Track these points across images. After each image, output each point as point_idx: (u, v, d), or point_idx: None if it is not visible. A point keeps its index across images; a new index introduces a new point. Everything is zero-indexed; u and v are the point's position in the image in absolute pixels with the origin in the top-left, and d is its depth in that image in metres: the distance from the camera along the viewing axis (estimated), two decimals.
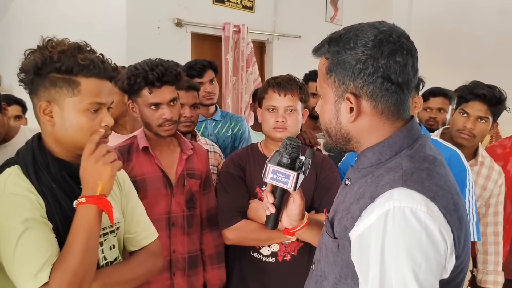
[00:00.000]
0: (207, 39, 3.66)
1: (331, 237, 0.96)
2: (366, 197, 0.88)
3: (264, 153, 1.83)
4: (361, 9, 5.13)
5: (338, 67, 0.93)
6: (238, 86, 3.78)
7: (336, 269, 0.95)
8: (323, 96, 0.99)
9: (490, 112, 1.99)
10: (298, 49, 4.29)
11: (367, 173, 0.94)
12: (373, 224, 0.83)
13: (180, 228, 1.71)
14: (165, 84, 1.65)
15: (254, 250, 1.78)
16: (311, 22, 4.53)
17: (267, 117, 1.76)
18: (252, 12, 3.94)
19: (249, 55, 3.83)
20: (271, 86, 1.75)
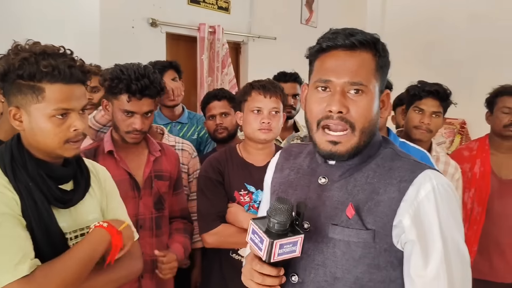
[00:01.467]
0: (182, 39, 3.64)
1: (361, 229, 0.97)
2: (394, 183, 0.97)
3: (242, 156, 1.84)
4: (335, 12, 5.19)
5: (385, 66, 1.03)
6: (214, 86, 3.77)
7: (364, 263, 0.98)
8: (368, 92, 1.00)
9: (441, 107, 2.12)
10: (273, 50, 4.31)
11: (352, 167, 1.03)
12: (423, 199, 0.95)
13: (148, 230, 1.71)
14: (146, 97, 1.65)
15: (233, 252, 1.80)
16: (286, 24, 4.55)
17: (251, 118, 1.77)
18: (228, 13, 3.94)
19: (225, 56, 3.82)
20: (256, 88, 1.77)
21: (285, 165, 1.18)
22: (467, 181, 2.28)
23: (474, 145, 2.41)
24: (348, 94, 0.99)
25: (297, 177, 1.12)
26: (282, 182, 1.16)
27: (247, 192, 1.79)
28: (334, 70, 0.99)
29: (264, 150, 1.82)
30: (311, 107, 1.03)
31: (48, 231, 1.13)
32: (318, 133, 1.01)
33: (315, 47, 1.04)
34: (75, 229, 1.22)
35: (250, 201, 1.78)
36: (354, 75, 0.98)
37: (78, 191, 1.23)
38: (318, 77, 1.02)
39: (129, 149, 1.74)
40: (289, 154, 1.20)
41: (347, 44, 0.99)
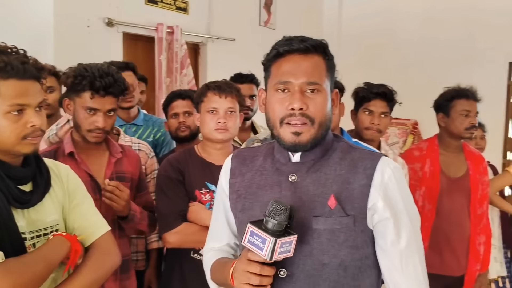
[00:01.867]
0: (140, 39, 3.59)
1: (343, 216, 1.09)
2: (360, 172, 1.12)
3: (202, 156, 1.86)
4: (293, 14, 5.26)
5: (333, 68, 1.17)
6: (172, 87, 3.74)
7: (346, 246, 1.10)
8: (322, 90, 1.12)
9: (388, 107, 2.23)
10: (232, 51, 4.33)
11: (316, 163, 1.14)
12: (387, 181, 1.12)
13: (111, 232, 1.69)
14: (109, 95, 1.64)
15: (194, 252, 1.80)
16: (245, 26, 4.58)
17: (207, 119, 1.79)
18: (186, 13, 3.93)
19: (183, 57, 3.81)
20: (211, 89, 1.80)
21: (244, 169, 1.24)
22: (418, 179, 2.38)
23: (424, 145, 2.52)
24: (305, 93, 1.11)
25: (263, 178, 1.19)
26: (247, 185, 1.21)
27: (208, 190, 1.81)
28: (291, 72, 1.11)
29: (223, 150, 1.84)
30: (273, 107, 1.13)
31: (7, 230, 1.12)
32: (282, 128, 1.11)
33: (272, 52, 1.15)
34: (32, 230, 1.21)
35: (211, 200, 1.80)
36: (310, 76, 1.10)
37: (37, 192, 1.21)
38: (277, 79, 1.13)
39: (90, 150, 1.72)
40: (243, 159, 1.26)
41: (302, 48, 1.11)
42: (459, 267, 2.39)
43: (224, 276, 1.15)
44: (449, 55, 5.25)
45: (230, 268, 1.11)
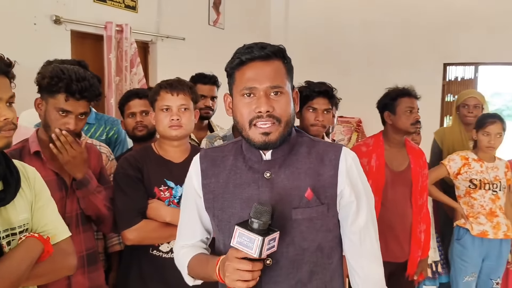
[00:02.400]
0: (88, 37, 3.53)
1: (319, 205, 1.23)
2: (327, 164, 1.24)
3: (159, 153, 1.89)
4: (241, 15, 5.35)
5: (291, 74, 1.26)
6: (122, 86, 3.71)
7: (322, 230, 1.24)
8: (285, 92, 1.22)
9: (330, 104, 2.39)
10: (182, 50, 4.34)
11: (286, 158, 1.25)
12: (349, 169, 1.25)
13: (75, 227, 1.71)
14: (84, 99, 1.66)
15: (154, 248, 1.83)
16: (194, 25, 4.61)
17: (161, 116, 1.83)
18: (135, 12, 3.90)
19: (133, 55, 3.78)
20: (163, 88, 1.84)
21: (216, 169, 1.31)
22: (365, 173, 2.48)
23: (370, 141, 2.68)
24: (270, 96, 1.20)
25: (238, 177, 1.27)
26: (223, 185, 1.28)
27: (167, 187, 1.84)
28: (255, 79, 1.19)
29: (180, 147, 1.89)
30: (241, 111, 1.21)
31: None
32: (252, 130, 1.20)
33: (235, 60, 1.22)
34: (6, 228, 1.22)
35: (170, 197, 1.84)
36: (273, 80, 1.19)
37: (9, 190, 1.22)
38: (242, 85, 1.21)
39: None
40: (213, 159, 1.33)
41: (263, 55, 1.20)
42: (403, 254, 2.55)
43: (208, 272, 1.24)
44: (388, 57, 5.54)
45: (215, 265, 1.20)
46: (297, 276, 1.23)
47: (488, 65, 5.47)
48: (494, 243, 2.88)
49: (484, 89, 22.29)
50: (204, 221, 1.37)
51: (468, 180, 2.87)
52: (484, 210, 2.86)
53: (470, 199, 2.89)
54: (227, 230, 1.25)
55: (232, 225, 1.18)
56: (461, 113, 3.32)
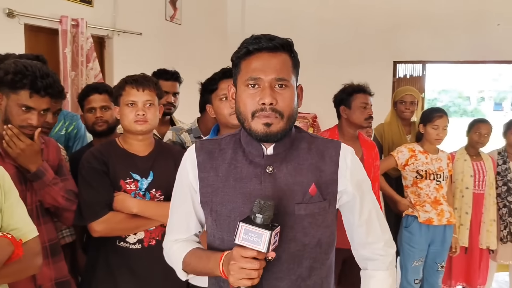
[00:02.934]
0: (43, 31, 3.45)
1: (321, 201, 1.23)
2: (328, 160, 1.25)
3: (123, 147, 1.92)
4: (199, 10, 5.36)
5: (297, 68, 1.26)
6: (78, 81, 3.65)
7: (322, 226, 1.25)
8: (290, 86, 1.21)
9: None
10: (139, 46, 4.31)
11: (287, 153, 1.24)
12: (350, 164, 1.27)
13: (36, 219, 1.71)
14: (48, 95, 1.67)
15: (120, 240, 1.86)
16: (151, 20, 4.58)
17: (126, 112, 1.86)
18: (91, 6, 3.84)
19: (89, 50, 3.72)
20: (129, 83, 1.87)
21: (214, 162, 1.28)
22: None
23: (326, 134, 2.80)
24: (274, 88, 1.18)
25: (238, 171, 1.24)
26: (223, 179, 1.25)
27: (133, 180, 1.88)
28: (261, 69, 1.18)
29: (145, 141, 1.93)
30: (245, 101, 1.20)
31: None
32: (254, 121, 1.19)
33: (242, 50, 1.21)
34: None
35: (136, 189, 1.88)
36: (278, 72, 1.18)
37: None
38: (248, 76, 1.19)
39: None
40: (210, 152, 1.29)
41: (270, 47, 1.19)
42: None
43: (210, 268, 1.21)
44: (342, 55, 5.72)
45: (218, 261, 1.17)
46: (298, 271, 1.22)
47: (435, 63, 5.79)
48: (439, 229, 3.08)
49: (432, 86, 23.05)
50: (199, 215, 1.34)
51: (415, 171, 3.06)
52: (429, 199, 3.06)
53: (417, 189, 3.08)
54: (226, 225, 1.23)
55: (232, 220, 1.18)
56: (399, 109, 3.54)
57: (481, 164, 3.38)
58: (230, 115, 1.99)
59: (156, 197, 1.92)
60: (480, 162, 3.39)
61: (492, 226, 3.40)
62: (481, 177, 3.35)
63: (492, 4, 5.19)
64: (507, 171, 3.47)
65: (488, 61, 5.61)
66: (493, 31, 5.20)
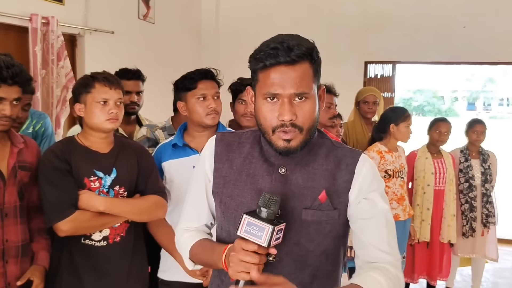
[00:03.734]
0: (12, 29, 3.44)
1: (331, 209, 1.20)
2: (343, 168, 1.21)
3: (85, 144, 1.92)
4: (172, 9, 5.38)
5: (319, 72, 1.20)
6: (49, 80, 3.65)
7: (330, 236, 1.21)
8: (310, 97, 1.16)
9: None
10: (111, 44, 4.31)
11: (303, 158, 1.22)
12: (366, 174, 1.22)
13: (13, 218, 1.76)
14: (16, 84, 1.69)
15: (85, 238, 1.88)
16: (124, 19, 4.59)
17: (97, 110, 1.85)
18: (62, 4, 3.83)
19: (60, 49, 3.72)
20: (100, 81, 1.86)
21: (231, 155, 1.28)
22: None
23: None
24: (294, 101, 1.14)
25: (252, 166, 1.24)
26: (236, 172, 1.26)
27: (97, 178, 1.89)
28: (280, 84, 1.13)
29: (107, 138, 1.94)
30: (265, 115, 1.17)
31: None
32: (274, 136, 1.17)
33: (259, 64, 1.15)
34: None
35: (100, 186, 1.89)
36: (298, 87, 1.13)
37: None
38: (266, 90, 1.15)
39: None
40: (229, 144, 1.30)
41: (289, 61, 1.11)
42: None
43: (214, 259, 1.19)
44: None
45: (222, 253, 1.16)
46: (300, 277, 1.19)
47: (404, 63, 5.94)
48: (400, 223, 3.19)
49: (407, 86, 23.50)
50: (211, 205, 1.33)
51: (384, 171, 3.16)
52: (396, 196, 3.17)
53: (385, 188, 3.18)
54: (232, 219, 1.23)
55: (238, 214, 1.15)
56: (362, 109, 3.67)
57: (441, 162, 3.52)
58: (206, 115, 2.06)
59: (119, 193, 1.93)
60: (440, 159, 3.53)
61: (453, 221, 3.55)
62: (441, 174, 3.49)
63: (457, 8, 5.36)
64: (469, 168, 3.62)
65: (454, 62, 5.80)
66: (459, 33, 5.37)
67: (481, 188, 3.64)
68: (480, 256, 3.74)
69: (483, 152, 3.71)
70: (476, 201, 3.64)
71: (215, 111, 2.08)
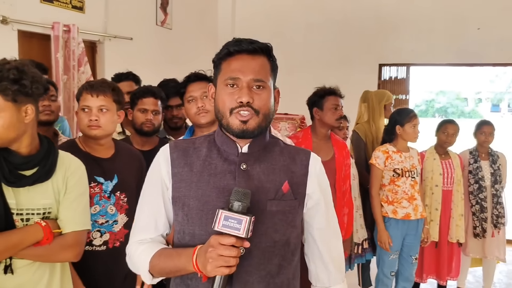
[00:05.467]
0: (36, 37, 3.63)
1: (292, 199, 1.29)
2: (298, 163, 1.32)
3: (86, 150, 1.97)
4: (189, 15, 5.53)
5: (275, 72, 1.32)
6: (70, 85, 3.83)
7: (291, 225, 1.29)
8: (267, 87, 1.26)
9: None
10: (129, 50, 4.49)
11: (260, 154, 1.30)
12: (319, 173, 1.34)
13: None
14: None
15: (86, 244, 1.87)
16: (142, 25, 4.76)
17: (82, 116, 1.93)
18: (83, 12, 4.02)
19: (81, 55, 3.90)
20: (85, 89, 1.94)
21: (189, 159, 1.31)
22: None
23: (300, 134, 2.98)
24: (252, 88, 1.24)
25: (213, 167, 1.28)
26: (198, 174, 1.28)
27: (97, 183, 1.94)
28: (240, 70, 1.23)
29: (105, 144, 2.00)
30: (223, 99, 1.25)
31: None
32: (231, 117, 1.24)
33: (223, 51, 1.27)
34: (21, 208, 1.46)
35: (100, 192, 1.94)
36: (256, 74, 1.23)
37: (29, 178, 1.45)
38: (227, 75, 1.24)
39: None
40: (185, 149, 1.33)
41: (250, 49, 1.25)
42: None
43: (182, 264, 1.20)
44: (329, 58, 5.90)
45: (191, 255, 1.17)
46: (268, 267, 1.25)
47: (418, 65, 5.95)
48: (413, 223, 3.24)
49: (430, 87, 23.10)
50: (168, 213, 1.33)
51: (392, 170, 3.22)
52: (406, 195, 3.21)
53: (394, 187, 3.24)
54: (197, 219, 1.25)
55: (204, 213, 1.21)
56: (388, 111, 3.72)
57: (449, 162, 3.56)
58: (196, 115, 2.09)
59: (120, 199, 1.97)
60: (448, 160, 3.57)
61: (461, 221, 3.57)
62: (449, 175, 3.53)
63: (472, 10, 5.37)
64: (478, 169, 3.65)
65: (469, 64, 5.78)
66: (474, 35, 5.37)
67: (491, 189, 3.66)
68: (491, 257, 3.76)
69: (492, 153, 3.73)
70: (486, 202, 3.66)
71: (204, 110, 2.10)
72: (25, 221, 1.48)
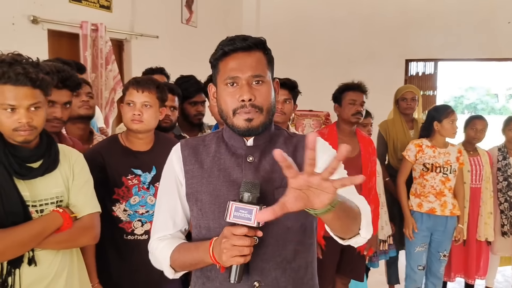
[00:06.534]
0: (65, 36, 3.72)
1: None
2: (301, 150, 1.29)
3: (126, 145, 2.03)
4: (214, 13, 5.57)
5: (272, 64, 1.32)
6: (98, 83, 3.92)
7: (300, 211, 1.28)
8: (266, 81, 1.28)
9: (290, 94, 2.62)
10: (156, 48, 4.56)
11: (266, 146, 1.31)
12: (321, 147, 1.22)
13: None
14: (66, 88, 1.88)
15: (127, 234, 1.99)
16: (168, 23, 4.82)
17: (126, 110, 1.98)
18: (110, 11, 4.10)
19: (108, 53, 3.98)
20: (131, 84, 1.99)
21: (199, 157, 1.35)
22: None
23: (325, 131, 2.96)
24: (252, 85, 1.25)
25: (222, 162, 1.32)
26: (208, 170, 1.32)
27: (134, 175, 1.99)
28: (238, 68, 1.25)
29: (145, 139, 2.04)
30: (225, 99, 1.27)
31: (7, 196, 1.44)
32: (236, 118, 1.26)
33: (219, 52, 1.28)
34: (35, 199, 1.52)
35: (139, 183, 1.99)
36: (254, 70, 1.25)
37: (39, 169, 1.52)
38: (226, 75, 1.26)
39: None
40: (195, 147, 1.37)
41: (245, 46, 1.25)
42: None
43: (201, 256, 1.23)
44: (354, 53, 5.84)
45: (208, 247, 1.20)
46: (283, 254, 1.26)
47: (446, 61, 5.84)
48: (441, 219, 3.20)
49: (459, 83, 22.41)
50: (185, 209, 1.37)
51: (422, 164, 3.19)
52: (434, 190, 3.17)
53: (422, 180, 3.21)
54: (211, 213, 1.28)
55: (217, 207, 1.25)
56: (401, 106, 3.67)
57: (478, 159, 3.48)
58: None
59: None
60: (477, 157, 3.49)
61: (490, 219, 3.49)
62: (478, 172, 3.45)
63: (502, 3, 5.23)
64: (507, 166, 3.56)
65: (498, 59, 5.64)
66: (504, 29, 5.24)
67: None
68: None
69: None
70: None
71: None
72: (40, 212, 1.53)
